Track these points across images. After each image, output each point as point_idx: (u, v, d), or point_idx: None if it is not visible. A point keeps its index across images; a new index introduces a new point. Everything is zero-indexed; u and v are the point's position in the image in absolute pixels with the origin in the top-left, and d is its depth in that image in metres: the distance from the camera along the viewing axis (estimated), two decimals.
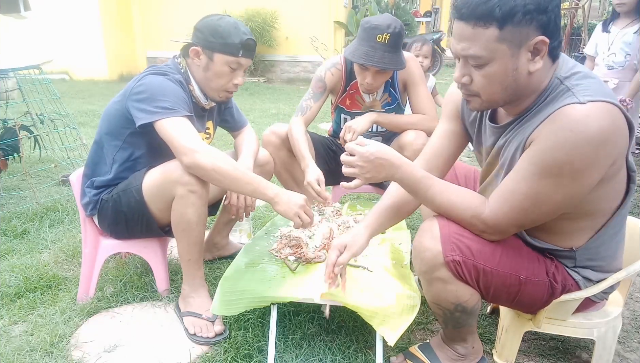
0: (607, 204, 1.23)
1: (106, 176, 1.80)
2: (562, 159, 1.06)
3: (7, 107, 3.30)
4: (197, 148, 1.57)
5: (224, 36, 1.71)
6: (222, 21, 1.74)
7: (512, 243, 1.31)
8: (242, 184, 1.61)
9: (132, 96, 1.67)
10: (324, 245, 1.72)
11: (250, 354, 1.59)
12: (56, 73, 8.88)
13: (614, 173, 1.15)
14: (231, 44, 1.72)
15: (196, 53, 1.77)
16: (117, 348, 1.66)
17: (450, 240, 1.25)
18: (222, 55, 1.74)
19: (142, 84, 1.68)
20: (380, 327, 1.38)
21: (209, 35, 1.72)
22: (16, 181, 3.36)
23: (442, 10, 14.47)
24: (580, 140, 1.03)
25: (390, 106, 2.35)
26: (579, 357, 1.63)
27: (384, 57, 2.03)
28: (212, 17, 1.78)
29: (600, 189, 1.15)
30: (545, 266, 1.30)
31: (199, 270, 1.80)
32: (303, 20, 9.19)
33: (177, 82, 1.74)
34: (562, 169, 1.07)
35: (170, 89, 1.68)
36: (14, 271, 2.08)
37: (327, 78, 2.29)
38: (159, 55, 10.29)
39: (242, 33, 1.73)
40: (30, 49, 8.85)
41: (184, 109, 1.67)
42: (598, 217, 1.25)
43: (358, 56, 2.06)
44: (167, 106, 1.62)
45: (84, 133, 4.42)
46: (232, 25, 1.73)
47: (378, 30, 2.01)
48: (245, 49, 1.75)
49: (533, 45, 1.07)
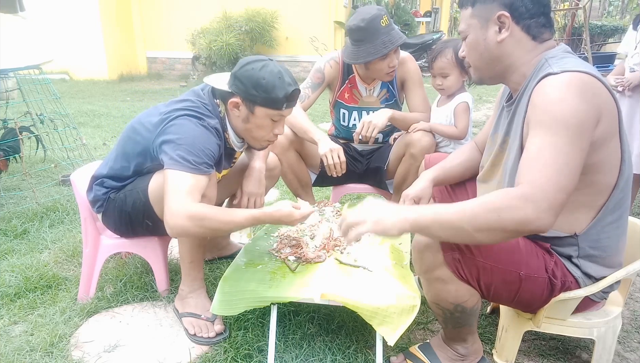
0: (602, 177, 1.24)
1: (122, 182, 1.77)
2: (559, 113, 1.14)
3: (7, 107, 3.30)
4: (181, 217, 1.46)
5: (267, 90, 1.57)
6: (265, 72, 1.57)
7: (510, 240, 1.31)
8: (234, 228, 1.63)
9: (163, 133, 1.58)
10: (324, 245, 1.72)
11: (250, 354, 1.59)
12: (56, 73, 8.90)
13: (604, 137, 1.18)
14: (275, 98, 1.58)
15: (235, 105, 1.63)
16: (117, 348, 1.66)
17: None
18: (265, 108, 1.61)
19: (174, 127, 1.57)
20: (380, 327, 1.39)
21: (251, 88, 1.57)
22: (16, 181, 3.36)
23: (442, 10, 14.46)
24: (565, 94, 1.14)
25: (388, 102, 2.36)
26: (579, 357, 1.63)
27: (396, 35, 2.13)
28: (254, 64, 1.59)
29: (595, 153, 1.19)
30: (544, 262, 1.31)
31: (199, 271, 1.80)
32: (303, 20, 9.20)
33: (213, 129, 1.63)
34: (566, 123, 1.13)
35: (201, 141, 1.56)
36: (14, 271, 2.08)
37: (326, 70, 2.31)
38: (159, 55, 10.31)
39: (286, 85, 1.58)
40: (30, 49, 8.82)
41: (207, 167, 1.56)
42: (596, 195, 1.26)
43: (379, 50, 2.09)
44: (190, 160, 1.52)
45: (84, 133, 4.43)
46: (275, 76, 1.57)
47: (377, 18, 2.07)
48: (289, 100, 1.62)
49: (497, 18, 1.27)
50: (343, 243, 1.74)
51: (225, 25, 8.78)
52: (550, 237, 1.31)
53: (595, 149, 1.18)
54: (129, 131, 1.74)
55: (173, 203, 1.48)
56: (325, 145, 2.12)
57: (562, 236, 1.30)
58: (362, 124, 2.20)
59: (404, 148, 2.24)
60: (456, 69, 2.13)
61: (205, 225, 1.48)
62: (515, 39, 1.29)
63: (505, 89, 1.49)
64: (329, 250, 1.69)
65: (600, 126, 1.16)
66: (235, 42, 8.58)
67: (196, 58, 9.40)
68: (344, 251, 1.70)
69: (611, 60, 4.52)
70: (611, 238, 1.30)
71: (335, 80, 2.35)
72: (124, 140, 1.75)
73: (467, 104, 2.17)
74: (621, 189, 1.26)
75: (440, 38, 9.96)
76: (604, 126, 1.17)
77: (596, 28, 12.46)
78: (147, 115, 1.71)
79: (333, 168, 2.12)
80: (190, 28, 9.04)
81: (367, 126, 2.17)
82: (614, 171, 1.25)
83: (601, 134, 1.17)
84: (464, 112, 2.17)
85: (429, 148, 2.15)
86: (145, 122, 1.68)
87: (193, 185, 1.52)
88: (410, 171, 2.20)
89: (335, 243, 1.74)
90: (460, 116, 2.17)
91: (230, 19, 8.87)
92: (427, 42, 9.98)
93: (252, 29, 8.78)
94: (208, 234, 1.63)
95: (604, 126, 1.17)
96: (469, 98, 2.19)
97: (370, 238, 1.78)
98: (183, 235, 1.55)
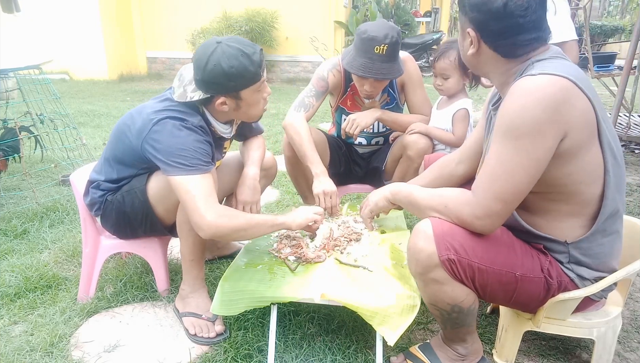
0: (586, 187, 1.23)
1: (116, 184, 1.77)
2: (515, 121, 1.16)
3: (7, 107, 3.30)
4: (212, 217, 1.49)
5: (241, 74, 1.55)
6: (226, 60, 1.52)
7: (505, 240, 1.32)
8: (262, 229, 1.64)
9: (149, 140, 1.58)
10: (324, 245, 1.72)
11: (250, 354, 1.59)
12: (56, 73, 8.89)
13: (578, 147, 1.18)
14: (251, 75, 1.58)
15: (222, 103, 1.63)
16: (117, 348, 1.66)
17: (444, 239, 1.25)
18: (248, 89, 1.61)
19: (159, 133, 1.57)
20: (380, 327, 1.39)
21: (226, 82, 1.56)
22: (16, 181, 3.36)
23: (442, 10, 14.45)
24: (529, 102, 1.14)
25: (389, 106, 2.35)
26: (579, 357, 1.63)
27: (382, 68, 2.04)
28: (211, 59, 1.52)
29: (570, 164, 1.19)
30: (539, 262, 1.31)
31: (200, 270, 1.80)
32: (303, 20, 9.19)
33: (197, 128, 1.62)
34: (519, 131, 1.15)
35: (189, 142, 1.56)
36: (14, 271, 2.08)
37: (330, 79, 2.29)
38: (159, 55, 10.30)
39: (251, 56, 1.55)
40: (30, 49, 8.85)
41: (203, 164, 1.56)
42: (582, 205, 1.26)
43: (356, 68, 2.06)
44: (185, 163, 1.53)
45: (84, 133, 4.43)
46: (238, 58, 1.53)
47: (375, 41, 2.00)
48: (262, 66, 1.61)
49: (467, 32, 1.29)
50: (343, 243, 1.74)
51: (225, 25, 8.77)
52: (542, 238, 1.32)
53: (568, 160, 1.19)
54: (117, 133, 1.73)
55: (200, 207, 1.50)
56: (320, 185, 2.03)
57: (553, 239, 1.31)
58: (347, 121, 2.22)
59: (401, 149, 2.24)
60: (457, 72, 2.13)
61: (234, 223, 1.54)
62: (486, 55, 1.30)
63: (494, 94, 1.49)
64: (329, 250, 1.69)
65: (570, 138, 1.16)
66: None
67: None
68: (344, 251, 1.70)
69: (611, 60, 4.50)
70: (604, 245, 1.30)
71: (338, 88, 2.34)
72: (113, 143, 1.75)
73: (467, 111, 2.17)
74: (611, 199, 1.25)
75: (440, 38, 9.96)
76: (576, 137, 1.17)
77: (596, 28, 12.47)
78: (132, 116, 1.68)
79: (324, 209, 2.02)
80: (190, 28, 9.04)
81: (351, 123, 2.20)
82: (598, 181, 1.24)
83: (572, 144, 1.17)
84: (462, 120, 2.17)
85: (425, 149, 2.15)
86: (131, 124, 1.66)
87: (206, 185, 1.54)
88: (408, 172, 2.20)
89: (335, 243, 1.74)
90: (459, 123, 2.17)
91: (230, 19, 8.86)
92: (427, 42, 9.99)
93: (252, 29, 8.77)
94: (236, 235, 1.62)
95: (575, 137, 1.17)
96: (468, 104, 2.19)
97: (371, 237, 1.79)
98: (218, 234, 1.54)
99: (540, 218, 1.31)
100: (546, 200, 1.28)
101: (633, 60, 3.65)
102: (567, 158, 1.19)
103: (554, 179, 1.22)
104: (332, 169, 2.42)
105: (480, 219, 1.24)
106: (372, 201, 1.65)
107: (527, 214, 1.33)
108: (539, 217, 1.31)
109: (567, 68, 1.18)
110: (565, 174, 1.21)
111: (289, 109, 2.26)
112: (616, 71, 4.34)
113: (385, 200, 1.58)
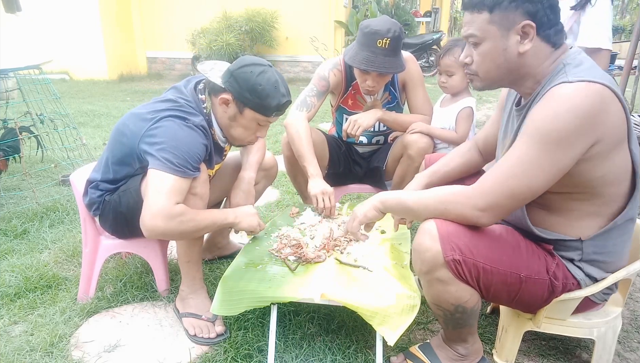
0: (613, 188, 1.24)
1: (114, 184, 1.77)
2: (547, 127, 1.14)
3: (7, 107, 3.30)
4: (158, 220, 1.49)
5: (261, 97, 1.59)
6: (262, 78, 1.58)
7: (511, 240, 1.31)
8: (203, 228, 1.64)
9: (146, 138, 1.58)
10: (324, 245, 1.72)
11: (250, 354, 1.59)
12: (56, 73, 8.90)
13: (609, 150, 1.17)
14: (267, 106, 1.61)
15: (225, 101, 1.64)
16: (117, 348, 1.66)
17: (450, 239, 1.25)
18: (254, 113, 1.63)
19: (158, 129, 1.57)
20: (380, 327, 1.38)
21: (245, 91, 1.59)
22: (16, 181, 3.36)
23: (442, 10, 14.46)
24: (564, 110, 1.12)
25: (390, 105, 2.35)
26: (579, 357, 1.63)
27: (384, 62, 2.04)
28: (254, 68, 1.60)
29: (601, 166, 1.19)
30: (545, 263, 1.30)
31: (198, 271, 1.80)
32: (303, 20, 9.19)
33: (199, 127, 1.62)
34: (549, 137, 1.14)
35: (186, 143, 1.56)
36: (14, 271, 2.08)
37: (331, 78, 2.29)
38: (159, 55, 10.31)
39: (280, 95, 1.61)
40: (30, 49, 8.85)
41: (191, 169, 1.56)
42: (606, 205, 1.26)
43: (359, 62, 2.06)
44: (171, 161, 1.52)
45: (84, 133, 4.43)
46: (272, 85, 1.60)
47: (378, 35, 2.00)
48: (279, 110, 1.65)
49: (520, 28, 1.20)
50: (343, 243, 1.74)
51: (225, 25, 8.78)
52: (554, 239, 1.31)
53: (600, 162, 1.18)
54: (115, 133, 1.73)
55: (152, 204, 1.50)
56: (317, 186, 2.02)
57: (566, 239, 1.30)
58: (348, 122, 2.21)
59: (402, 149, 2.24)
60: (462, 70, 2.12)
61: (181, 228, 1.53)
62: (535, 49, 1.23)
63: (510, 92, 1.48)
64: (329, 250, 1.70)
65: (603, 143, 1.16)
66: (235, 42, 8.58)
67: (196, 58, 9.39)
68: (344, 251, 1.70)
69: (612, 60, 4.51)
70: (617, 244, 1.31)
71: (339, 87, 2.34)
72: (112, 144, 1.74)
73: (471, 109, 2.17)
74: (634, 206, 1.26)
75: (440, 38, 9.97)
76: (608, 140, 1.16)
77: None
78: (132, 116, 1.69)
79: (322, 210, 2.03)
80: (190, 28, 9.04)
81: (353, 124, 2.19)
82: (624, 183, 1.25)
83: (604, 148, 1.17)
84: (466, 119, 2.17)
85: (426, 149, 2.15)
86: (130, 124, 1.66)
87: (174, 187, 1.52)
88: (408, 172, 2.20)
89: (335, 243, 1.74)
90: (463, 121, 2.17)
91: (230, 19, 8.87)
92: (427, 42, 9.98)
93: (252, 29, 8.78)
94: (184, 236, 1.63)
95: (608, 141, 1.16)
96: (473, 103, 2.19)
97: (371, 237, 1.78)
98: (159, 235, 1.55)
99: (559, 216, 1.31)
100: (570, 200, 1.27)
101: (633, 60, 3.65)
102: (598, 161, 1.18)
103: (585, 181, 1.21)
104: (332, 169, 2.42)
105: (483, 212, 1.23)
106: (361, 213, 1.51)
107: (544, 213, 1.32)
108: (557, 216, 1.31)
109: (600, 73, 1.18)
110: (596, 176, 1.21)
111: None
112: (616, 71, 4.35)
113: (375, 209, 1.47)
